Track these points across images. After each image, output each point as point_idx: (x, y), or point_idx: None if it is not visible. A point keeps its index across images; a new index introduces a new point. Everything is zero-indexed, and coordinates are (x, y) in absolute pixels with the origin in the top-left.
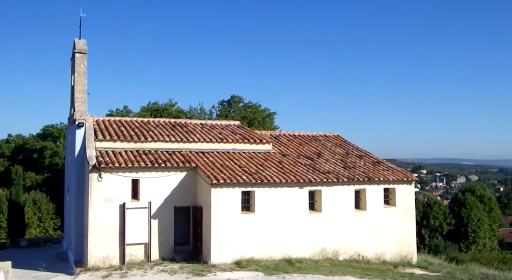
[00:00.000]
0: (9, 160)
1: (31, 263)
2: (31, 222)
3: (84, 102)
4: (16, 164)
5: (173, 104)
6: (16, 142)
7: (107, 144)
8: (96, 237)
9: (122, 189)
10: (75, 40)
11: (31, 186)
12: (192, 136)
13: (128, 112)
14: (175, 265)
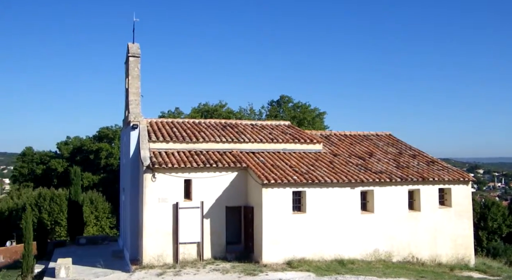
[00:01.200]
0: (67, 161)
1: (89, 260)
2: (89, 221)
3: (138, 104)
4: (74, 164)
5: (223, 105)
6: (74, 144)
7: (160, 145)
8: (151, 236)
9: (175, 189)
10: (129, 44)
11: (88, 186)
12: (243, 136)
13: (180, 113)
14: (227, 264)
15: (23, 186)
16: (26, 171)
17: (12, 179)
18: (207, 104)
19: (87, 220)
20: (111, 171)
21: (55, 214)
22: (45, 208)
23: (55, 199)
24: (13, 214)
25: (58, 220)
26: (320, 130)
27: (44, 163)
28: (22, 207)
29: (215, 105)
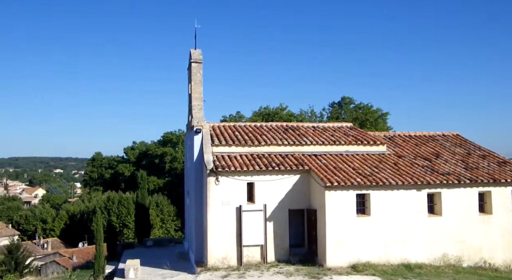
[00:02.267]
0: (134, 166)
1: (156, 262)
2: (155, 223)
3: (200, 109)
4: (141, 169)
5: (283, 108)
6: (140, 149)
7: (223, 149)
8: (215, 238)
9: (238, 192)
10: (191, 51)
11: (154, 189)
12: (305, 139)
13: (241, 117)
14: (290, 267)
15: (93, 190)
16: (96, 175)
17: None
18: (267, 107)
19: (153, 222)
20: (175, 175)
21: (123, 217)
22: (114, 211)
23: (123, 202)
24: (85, 216)
25: (126, 222)
26: (383, 131)
27: (112, 168)
28: (92, 210)
29: (276, 108)
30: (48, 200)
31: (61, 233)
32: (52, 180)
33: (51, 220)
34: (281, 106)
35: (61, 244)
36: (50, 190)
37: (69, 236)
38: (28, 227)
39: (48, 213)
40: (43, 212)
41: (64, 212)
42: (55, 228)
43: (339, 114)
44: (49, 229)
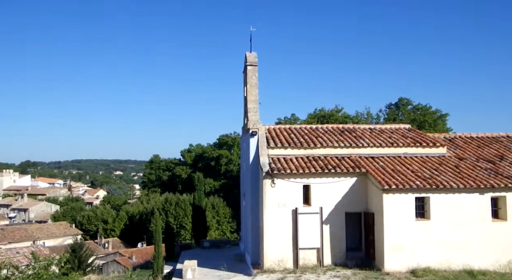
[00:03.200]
0: (190, 168)
1: (213, 263)
2: (211, 225)
3: (256, 112)
4: (197, 171)
5: (339, 110)
6: (196, 151)
7: (278, 151)
8: (271, 240)
9: (294, 195)
10: (246, 54)
11: (210, 191)
12: (361, 141)
13: (296, 119)
14: (347, 271)
15: (151, 192)
16: (154, 177)
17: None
18: (323, 109)
19: (209, 224)
20: (231, 177)
21: (180, 218)
22: (171, 213)
23: (180, 204)
24: (143, 217)
25: (183, 223)
26: (442, 132)
27: (169, 170)
28: (151, 211)
29: (331, 110)
30: (108, 201)
31: (121, 233)
32: (112, 182)
33: (111, 220)
34: (337, 108)
35: (121, 244)
36: (110, 191)
37: (128, 236)
38: (90, 227)
39: (109, 213)
40: (104, 213)
41: (123, 213)
42: (116, 228)
43: (396, 116)
44: (109, 229)
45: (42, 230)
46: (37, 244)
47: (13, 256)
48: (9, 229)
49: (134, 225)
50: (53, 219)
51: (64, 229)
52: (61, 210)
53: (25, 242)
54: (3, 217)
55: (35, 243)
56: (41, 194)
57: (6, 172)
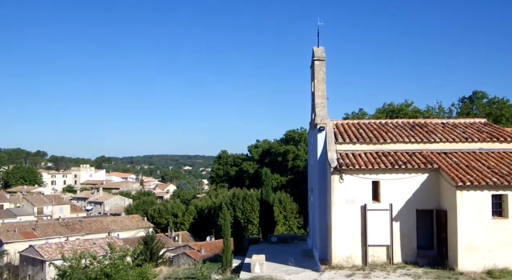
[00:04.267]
0: (257, 163)
1: (281, 258)
2: (278, 220)
3: (324, 107)
4: (264, 166)
5: (409, 104)
6: (263, 147)
7: (346, 147)
8: (339, 237)
9: (362, 191)
10: (314, 48)
11: (277, 186)
12: (433, 136)
13: (364, 114)
14: (418, 270)
15: (219, 186)
16: (222, 172)
17: (210, 180)
18: (392, 104)
19: (277, 219)
20: (298, 172)
21: (248, 213)
22: (239, 207)
23: (247, 199)
24: (211, 212)
25: (250, 218)
26: None
27: (237, 165)
28: (219, 205)
29: (401, 105)
30: (178, 196)
31: (190, 227)
32: (182, 177)
33: (181, 214)
34: (406, 103)
35: (191, 237)
36: (180, 186)
37: (197, 230)
38: (161, 220)
39: (179, 207)
40: (174, 207)
41: (192, 207)
42: (185, 222)
43: (470, 110)
44: (179, 222)
45: (116, 223)
46: (111, 236)
47: (90, 246)
48: (86, 221)
49: (203, 219)
50: (126, 212)
51: (136, 222)
52: (134, 203)
53: (101, 234)
54: (81, 209)
55: (110, 234)
56: (115, 188)
57: (83, 167)
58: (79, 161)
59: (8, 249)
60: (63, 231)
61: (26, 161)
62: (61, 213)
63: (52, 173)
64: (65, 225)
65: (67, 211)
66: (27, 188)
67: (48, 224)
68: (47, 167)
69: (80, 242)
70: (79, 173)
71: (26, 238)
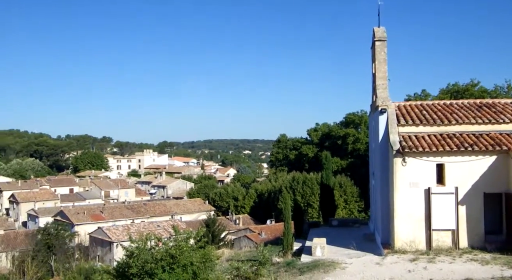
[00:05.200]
0: (317, 147)
1: (342, 241)
2: (339, 204)
3: (385, 88)
4: (323, 150)
5: (475, 84)
6: (323, 130)
7: (409, 129)
8: (402, 220)
9: (426, 174)
10: (374, 29)
11: (337, 170)
12: (502, 116)
13: (427, 95)
14: (486, 255)
15: (279, 170)
16: (281, 156)
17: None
18: (456, 84)
19: (337, 203)
20: (358, 156)
21: (307, 197)
22: (299, 191)
23: (307, 183)
24: (271, 195)
25: (310, 202)
26: None
27: (296, 149)
28: (278, 189)
29: (466, 85)
30: (238, 179)
31: (250, 210)
32: (242, 161)
33: (241, 198)
34: (472, 82)
35: (251, 221)
36: (240, 170)
37: (257, 213)
38: (222, 203)
39: (239, 191)
40: (234, 190)
41: (253, 190)
42: (245, 205)
43: None
44: (240, 206)
45: (179, 206)
46: (174, 219)
47: (154, 229)
48: (150, 204)
49: (263, 203)
50: (188, 195)
51: (198, 205)
52: (195, 187)
53: (164, 217)
54: (145, 193)
55: (173, 217)
56: (177, 172)
57: (147, 151)
58: (143, 146)
59: (78, 231)
60: (129, 214)
61: (93, 147)
62: (127, 197)
63: (117, 158)
64: (131, 208)
65: (132, 195)
66: (95, 172)
67: (115, 207)
68: (112, 152)
69: (145, 224)
70: (143, 158)
71: (94, 220)
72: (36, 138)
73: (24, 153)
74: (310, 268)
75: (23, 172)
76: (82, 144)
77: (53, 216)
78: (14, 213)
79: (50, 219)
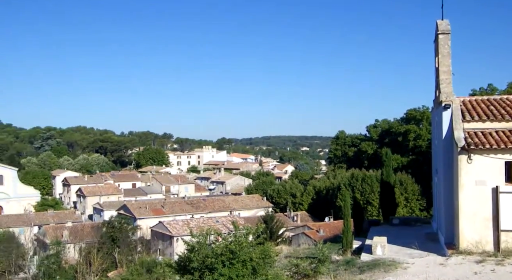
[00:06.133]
0: (376, 143)
1: (403, 241)
2: (399, 202)
3: (449, 83)
4: (383, 147)
5: None
6: (382, 127)
7: (475, 125)
8: (467, 220)
9: (493, 172)
10: (438, 21)
11: (397, 167)
12: None
13: (494, 90)
14: None
15: (337, 167)
16: (340, 153)
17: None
18: None
19: (398, 201)
20: (420, 153)
21: (367, 194)
22: (358, 188)
23: (366, 180)
24: (330, 192)
25: (370, 200)
26: None
27: (355, 146)
28: (337, 186)
29: None
30: (296, 176)
31: (308, 207)
32: (299, 158)
33: (299, 194)
34: None
35: (309, 218)
36: (297, 166)
37: (315, 210)
38: (279, 200)
39: (297, 188)
40: (292, 187)
41: (311, 187)
42: (303, 202)
43: None
44: (298, 203)
45: (237, 202)
46: (233, 214)
47: (213, 224)
48: (209, 200)
49: (321, 200)
50: (247, 191)
51: (256, 201)
52: (254, 183)
53: (223, 212)
54: (204, 189)
55: (231, 213)
56: (235, 169)
57: (206, 148)
58: (202, 143)
59: (140, 225)
60: (189, 209)
61: (155, 143)
62: (187, 192)
63: (177, 154)
64: (190, 203)
65: (191, 190)
66: (156, 168)
67: (175, 202)
68: (173, 148)
69: (204, 219)
70: (202, 154)
71: (155, 214)
72: (101, 135)
73: (90, 149)
74: (371, 267)
75: (89, 167)
76: (144, 140)
77: (117, 209)
78: (81, 206)
79: (114, 213)
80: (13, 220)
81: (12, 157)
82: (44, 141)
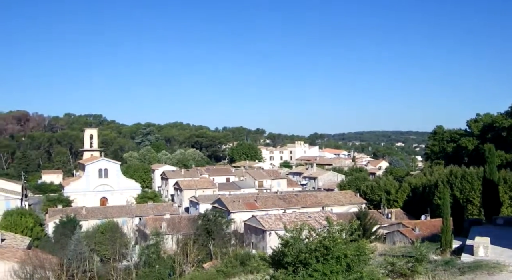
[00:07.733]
0: (478, 139)
1: (508, 242)
2: (503, 201)
3: None
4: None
5: None
6: (485, 121)
7: None
8: None
9: None
10: None
11: (501, 164)
12: None
13: None
14: None
15: (435, 164)
16: (437, 149)
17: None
18: None
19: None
20: None
21: (466, 192)
22: (457, 186)
23: (466, 177)
24: (426, 190)
25: (470, 198)
26: None
27: (454, 141)
28: (434, 183)
29: None
30: (391, 172)
31: (403, 204)
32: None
33: (394, 191)
34: None
35: (404, 215)
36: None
37: (411, 207)
38: (373, 196)
39: (392, 184)
40: (386, 184)
41: (406, 184)
42: (398, 199)
43: None
44: (392, 200)
45: (330, 198)
46: (325, 210)
47: (305, 219)
48: (301, 195)
49: (417, 197)
50: (339, 187)
51: (349, 198)
52: (346, 179)
53: (315, 208)
54: (296, 184)
55: (324, 209)
56: (327, 164)
57: (298, 143)
58: (294, 138)
59: (234, 218)
60: (281, 204)
61: (248, 138)
62: (279, 187)
63: (270, 149)
64: (283, 198)
65: (284, 185)
66: (249, 163)
67: (268, 196)
68: (265, 143)
69: (296, 215)
70: (294, 149)
71: (249, 208)
72: (197, 130)
73: (186, 143)
74: (472, 268)
75: (185, 161)
76: (238, 135)
77: (212, 203)
78: (178, 199)
79: (209, 206)
80: (117, 211)
81: (116, 151)
82: (144, 136)
